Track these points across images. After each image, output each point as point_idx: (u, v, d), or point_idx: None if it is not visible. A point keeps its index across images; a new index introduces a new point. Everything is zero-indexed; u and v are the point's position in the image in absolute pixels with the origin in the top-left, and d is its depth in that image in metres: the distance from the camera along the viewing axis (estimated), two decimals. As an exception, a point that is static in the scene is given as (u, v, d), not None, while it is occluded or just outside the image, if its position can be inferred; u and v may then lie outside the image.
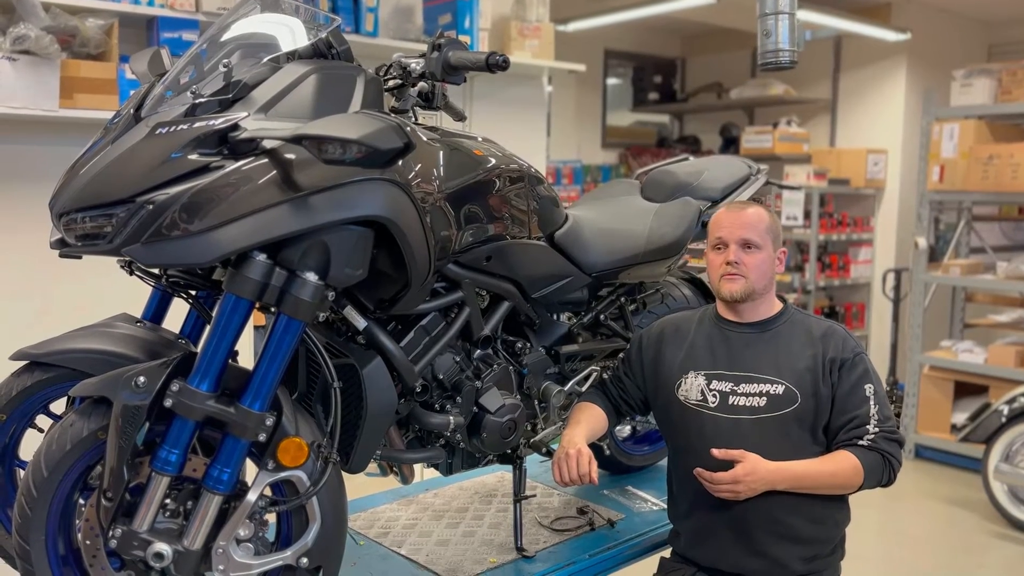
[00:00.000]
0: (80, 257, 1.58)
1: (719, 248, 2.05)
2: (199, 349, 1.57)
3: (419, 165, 1.67)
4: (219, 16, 2.35)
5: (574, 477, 1.92)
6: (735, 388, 1.99)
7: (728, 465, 1.91)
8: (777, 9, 2.12)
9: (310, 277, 1.54)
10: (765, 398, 1.96)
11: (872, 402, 1.95)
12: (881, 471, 1.93)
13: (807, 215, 6.71)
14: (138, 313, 1.92)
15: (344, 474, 1.75)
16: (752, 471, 1.88)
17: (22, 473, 1.78)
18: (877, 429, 1.93)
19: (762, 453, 1.90)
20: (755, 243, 2.02)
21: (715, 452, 1.92)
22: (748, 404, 1.97)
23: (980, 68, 5.53)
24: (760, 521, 1.96)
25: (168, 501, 1.57)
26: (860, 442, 1.92)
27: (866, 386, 1.96)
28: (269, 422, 1.56)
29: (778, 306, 2.09)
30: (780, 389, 1.97)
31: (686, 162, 2.62)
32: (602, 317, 2.34)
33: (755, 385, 1.98)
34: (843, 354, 1.98)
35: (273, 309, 1.57)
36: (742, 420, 1.97)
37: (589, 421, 2.09)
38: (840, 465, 1.92)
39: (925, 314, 5.60)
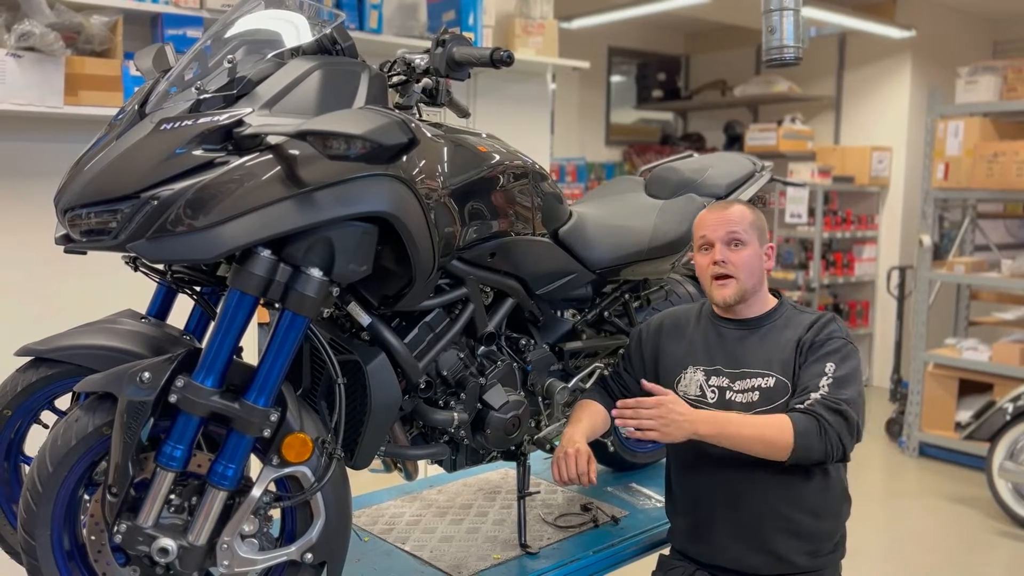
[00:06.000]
0: (85, 253, 1.58)
1: (705, 249, 2.04)
2: (204, 345, 1.57)
3: (423, 161, 1.67)
4: (223, 13, 2.35)
5: (572, 476, 1.92)
6: (731, 384, 1.99)
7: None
8: (782, 6, 2.11)
9: (314, 273, 1.54)
10: (758, 392, 1.96)
11: (827, 378, 1.89)
12: (815, 437, 1.82)
13: (811, 212, 6.71)
14: (143, 309, 1.92)
15: (348, 470, 1.75)
16: (675, 399, 1.86)
17: (27, 469, 1.78)
18: (819, 396, 1.87)
19: None
20: (740, 239, 2.00)
21: (644, 384, 1.95)
22: (743, 400, 1.97)
23: (985, 65, 5.52)
24: (760, 515, 1.95)
25: (173, 497, 1.57)
26: (798, 406, 1.87)
27: (828, 364, 1.91)
28: (273, 418, 1.56)
29: (772, 302, 2.08)
30: (771, 382, 1.96)
31: (690, 159, 2.61)
32: (606, 314, 2.34)
33: (748, 380, 1.98)
34: (817, 337, 1.96)
35: (277, 305, 1.57)
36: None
37: (590, 419, 2.09)
38: (768, 420, 1.86)
39: (929, 312, 5.59)
